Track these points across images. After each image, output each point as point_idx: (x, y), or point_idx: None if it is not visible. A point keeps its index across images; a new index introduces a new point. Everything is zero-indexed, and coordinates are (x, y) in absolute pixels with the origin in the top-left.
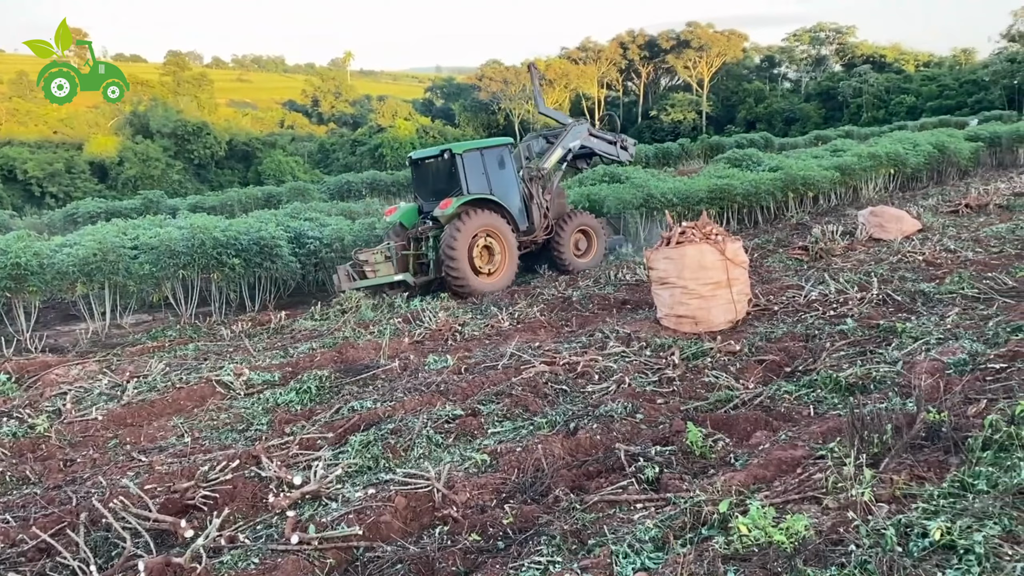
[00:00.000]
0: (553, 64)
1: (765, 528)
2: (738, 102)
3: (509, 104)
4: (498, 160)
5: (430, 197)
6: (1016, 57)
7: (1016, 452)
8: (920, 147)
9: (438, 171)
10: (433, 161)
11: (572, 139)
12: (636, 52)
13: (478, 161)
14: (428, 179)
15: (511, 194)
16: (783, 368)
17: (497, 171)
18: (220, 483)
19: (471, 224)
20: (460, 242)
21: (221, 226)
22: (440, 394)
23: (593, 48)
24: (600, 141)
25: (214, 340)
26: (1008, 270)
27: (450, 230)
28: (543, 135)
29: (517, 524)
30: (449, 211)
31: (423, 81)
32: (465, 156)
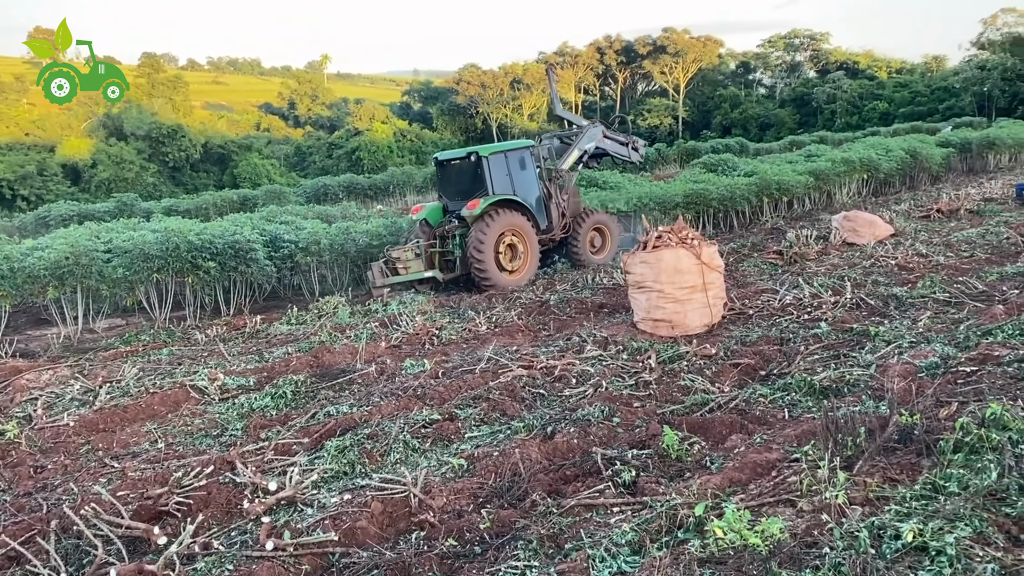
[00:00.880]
0: (530, 68)
1: (740, 531)
2: (714, 107)
3: (487, 108)
4: (520, 162)
5: (455, 197)
6: (986, 65)
7: (986, 454)
8: (893, 153)
9: (463, 172)
10: (459, 162)
11: (588, 141)
12: (613, 57)
13: (502, 163)
14: (453, 179)
15: (532, 194)
16: (758, 371)
17: (519, 172)
18: (194, 489)
19: (497, 224)
20: (487, 241)
21: (196, 229)
22: (417, 398)
23: (570, 53)
24: (613, 143)
25: (188, 344)
26: (978, 274)
27: (478, 230)
28: (557, 136)
29: (494, 529)
30: (477, 211)
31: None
32: (491, 158)
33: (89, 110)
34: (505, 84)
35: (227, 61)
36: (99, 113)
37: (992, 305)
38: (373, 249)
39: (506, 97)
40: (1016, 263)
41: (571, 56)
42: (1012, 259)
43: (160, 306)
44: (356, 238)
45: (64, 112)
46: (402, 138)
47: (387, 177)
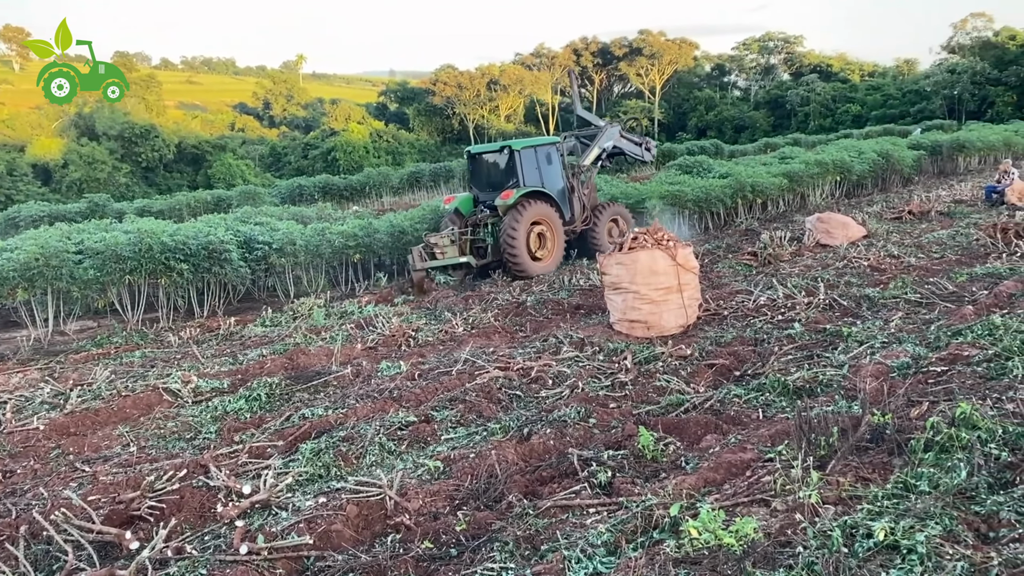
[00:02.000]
0: (507, 70)
1: (715, 531)
2: (689, 109)
3: (464, 109)
4: (547, 157)
5: (486, 188)
6: (956, 68)
7: (956, 453)
8: (865, 155)
9: (495, 165)
10: (491, 156)
11: (607, 140)
12: (589, 59)
13: (532, 157)
14: (484, 172)
15: (558, 187)
16: (732, 372)
17: (547, 166)
18: (167, 493)
19: (528, 214)
20: (519, 230)
21: (169, 230)
22: (393, 400)
23: (547, 54)
24: (628, 142)
25: (161, 347)
26: (949, 275)
27: (510, 219)
28: (575, 135)
29: (470, 531)
30: (510, 201)
31: (377, 85)
32: (523, 152)
33: (60, 109)
34: (482, 85)
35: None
36: (70, 113)
37: (962, 306)
38: (349, 250)
39: (483, 98)
40: (985, 264)
41: (547, 58)
42: (981, 260)
43: (133, 308)
44: (331, 239)
45: (34, 111)
46: (378, 139)
47: (363, 178)
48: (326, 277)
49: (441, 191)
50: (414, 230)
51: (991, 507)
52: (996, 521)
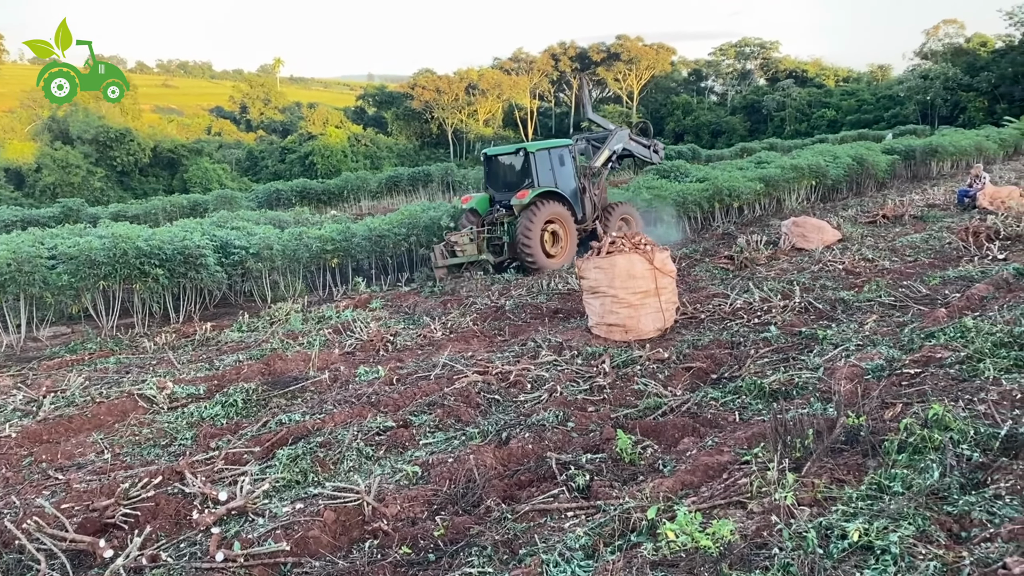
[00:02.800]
0: (486, 74)
1: (692, 533)
2: (667, 114)
3: (443, 113)
4: (560, 158)
5: (502, 188)
6: (928, 74)
7: (929, 454)
8: (840, 159)
9: (511, 166)
10: (507, 157)
11: (617, 143)
12: (567, 64)
13: (547, 158)
14: (500, 173)
15: (570, 187)
16: (709, 375)
17: (560, 167)
18: (142, 500)
19: (542, 212)
20: (534, 228)
21: (144, 235)
22: (371, 406)
23: (525, 59)
24: (638, 145)
25: (136, 353)
26: (922, 278)
27: (526, 217)
28: (585, 139)
29: (448, 536)
30: (525, 201)
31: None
32: (537, 154)
33: (33, 112)
34: (460, 89)
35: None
36: (43, 116)
37: (935, 308)
38: (326, 255)
39: (461, 103)
40: (957, 267)
41: (526, 62)
42: (954, 263)
43: (107, 314)
44: (309, 243)
45: (6, 115)
46: (356, 143)
47: (341, 182)
48: (303, 282)
49: (419, 195)
50: (393, 234)
51: (963, 507)
52: (968, 521)
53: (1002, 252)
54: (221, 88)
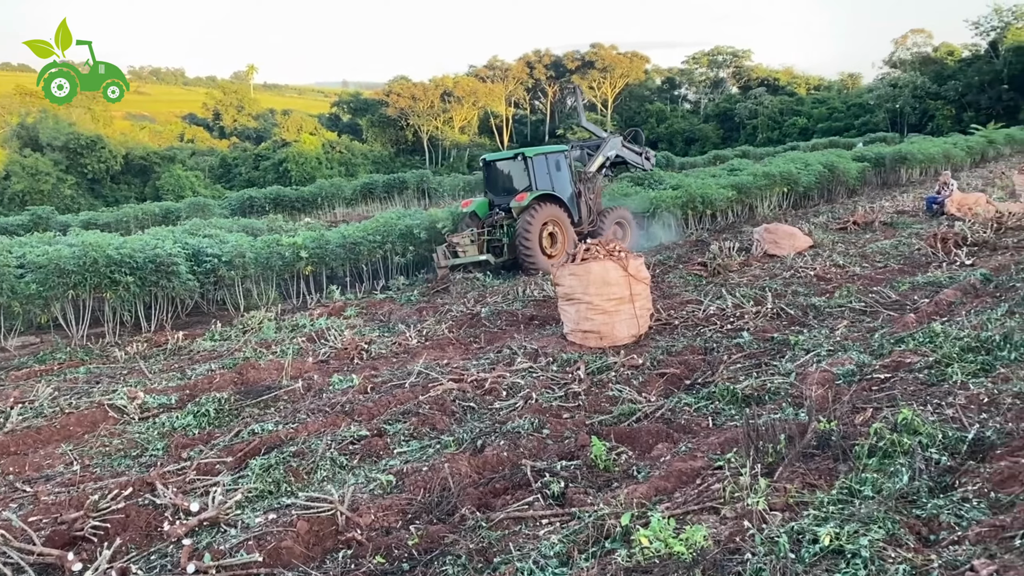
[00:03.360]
0: (461, 82)
1: (666, 539)
2: (641, 122)
3: (418, 120)
4: (556, 163)
5: (501, 192)
6: (897, 83)
7: (898, 458)
8: (811, 167)
9: (510, 171)
10: (506, 162)
11: (610, 149)
12: (542, 71)
13: (544, 163)
14: (499, 177)
15: (567, 191)
16: (683, 381)
17: (556, 172)
18: (112, 512)
19: (540, 215)
20: (533, 229)
21: (115, 243)
22: (345, 415)
23: (500, 66)
24: (630, 152)
25: (107, 362)
26: (892, 284)
27: (524, 219)
28: (579, 146)
29: (423, 545)
30: (524, 203)
31: (329, 95)
32: (535, 159)
33: (1, 119)
34: (436, 97)
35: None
36: (12, 123)
37: (904, 314)
38: (300, 262)
39: (437, 110)
40: (926, 273)
41: (501, 70)
42: (923, 269)
43: (77, 323)
44: (282, 251)
45: None
46: (331, 150)
47: (315, 189)
48: (277, 290)
49: (395, 203)
50: (367, 242)
51: (931, 510)
52: (936, 524)
53: (969, 258)
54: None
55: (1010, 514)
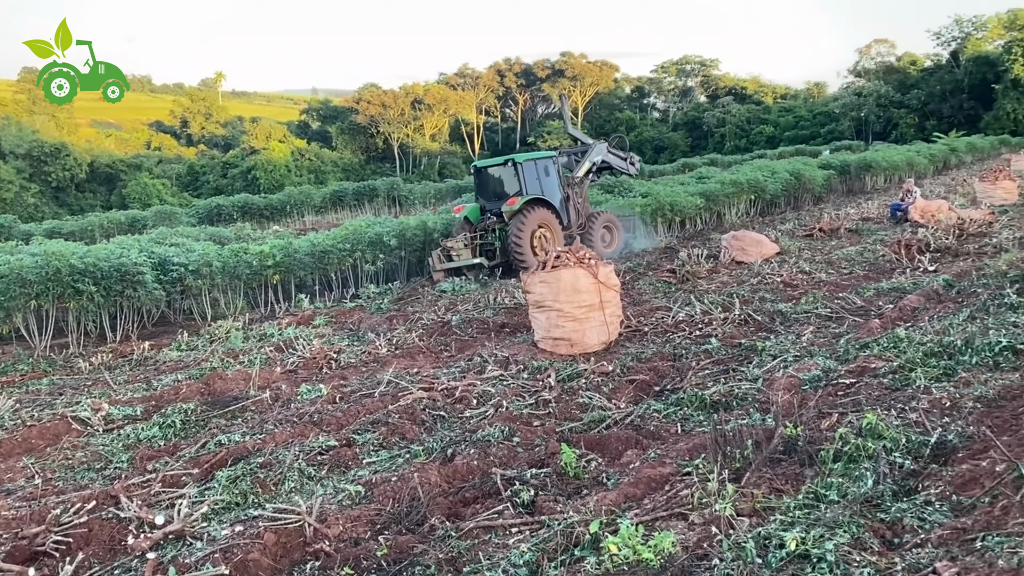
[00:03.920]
0: (431, 89)
1: (634, 546)
2: (611, 130)
3: (388, 128)
4: (545, 169)
5: (492, 198)
6: (862, 91)
7: (863, 463)
8: (778, 175)
9: (500, 176)
10: (496, 169)
11: (597, 155)
12: (513, 80)
13: (534, 169)
14: (490, 183)
15: (556, 196)
16: (653, 387)
17: (545, 177)
18: (74, 526)
19: (531, 218)
20: (525, 232)
21: (79, 252)
22: (313, 425)
23: (471, 74)
24: (615, 157)
25: (71, 373)
26: (857, 290)
27: (516, 222)
28: (566, 152)
29: (391, 555)
30: (516, 207)
31: (298, 103)
32: (525, 164)
33: None
34: (406, 104)
35: None
36: None
37: (869, 319)
38: (267, 271)
39: (407, 117)
40: (891, 279)
41: (472, 78)
42: (887, 275)
43: (40, 333)
44: (249, 260)
45: None
46: (300, 157)
47: (284, 197)
48: (245, 299)
49: (365, 210)
50: (337, 250)
51: (895, 514)
52: (900, 527)
53: (932, 264)
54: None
55: (971, 516)
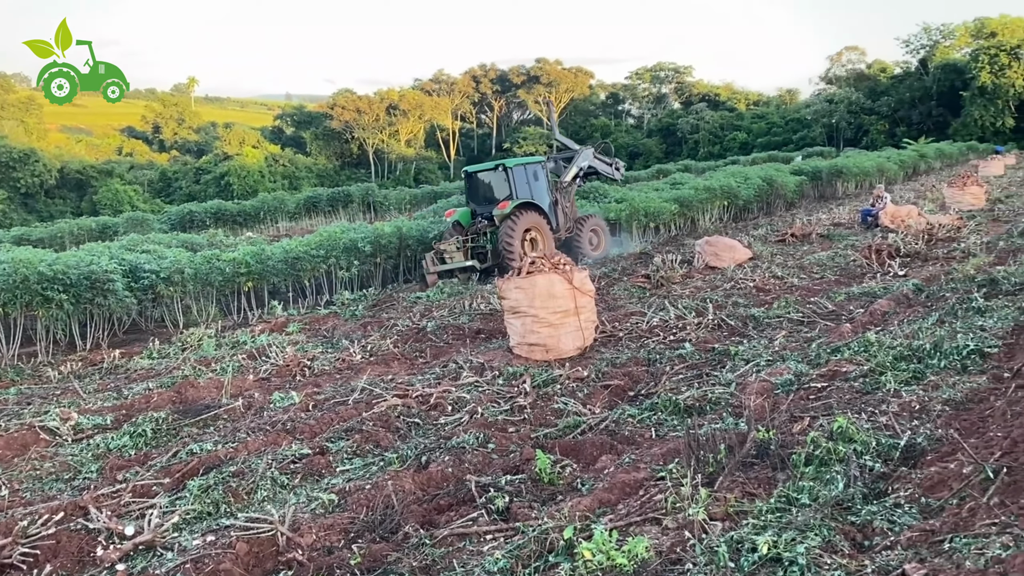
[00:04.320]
0: (406, 95)
1: (608, 552)
2: (586, 137)
3: (363, 134)
4: (535, 173)
5: (483, 202)
6: (833, 98)
7: (834, 466)
8: (751, 180)
9: (491, 181)
10: (486, 173)
11: (583, 160)
12: (488, 86)
13: (523, 173)
14: (480, 188)
15: (545, 200)
16: (627, 392)
17: (535, 182)
18: (42, 538)
19: (522, 221)
20: (516, 235)
21: (48, 260)
22: (286, 433)
23: (446, 80)
24: (601, 163)
25: (39, 382)
26: (828, 295)
27: (507, 225)
28: (554, 158)
29: (365, 564)
30: (507, 211)
31: (272, 108)
32: (515, 169)
33: None
34: (381, 110)
35: None
36: None
37: (840, 324)
38: (240, 278)
39: (382, 123)
40: (861, 284)
41: (447, 83)
42: (858, 280)
43: (7, 342)
44: (222, 267)
45: None
46: (274, 163)
47: (258, 203)
48: (217, 306)
49: (339, 216)
50: (310, 256)
51: (865, 517)
52: (870, 530)
53: (902, 269)
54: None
55: (939, 518)
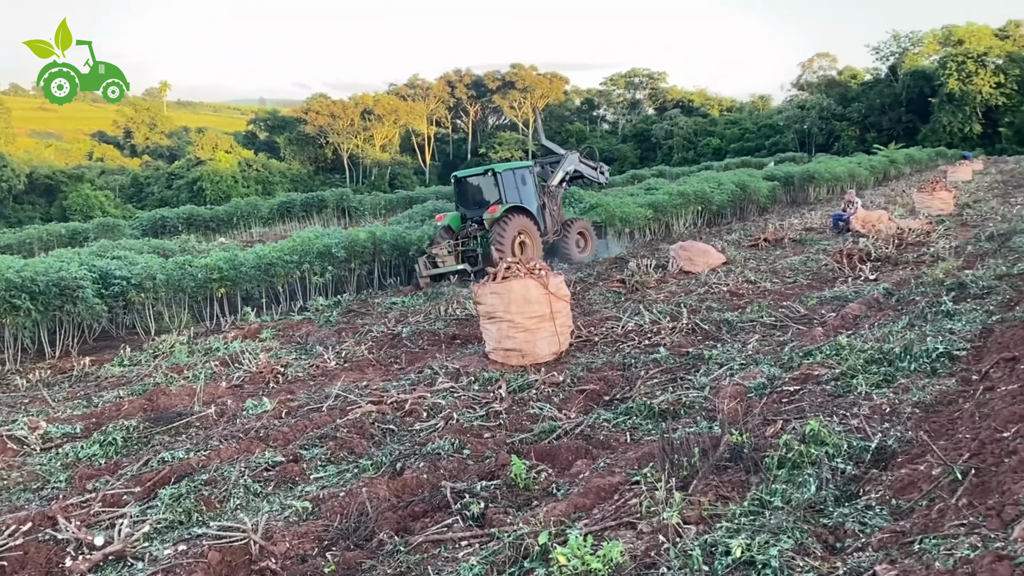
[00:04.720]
0: (381, 100)
1: (583, 557)
2: (561, 142)
3: (337, 138)
4: (523, 178)
5: (472, 206)
6: (805, 104)
7: (806, 469)
8: (724, 186)
9: (480, 185)
10: (476, 178)
11: (570, 164)
12: (464, 91)
13: (512, 178)
14: (470, 192)
15: (534, 204)
16: (602, 397)
17: (523, 186)
18: (8, 550)
19: (512, 225)
20: (506, 238)
21: (15, 266)
22: (259, 440)
23: (421, 85)
24: (586, 167)
25: (7, 391)
26: (801, 299)
27: (497, 229)
28: (541, 162)
29: (339, 572)
30: (497, 215)
31: (246, 113)
32: (504, 174)
33: None
34: (356, 115)
35: None
36: None
37: (812, 327)
38: (213, 284)
39: (357, 128)
40: (833, 288)
41: (422, 88)
42: (830, 284)
43: None
44: (194, 273)
45: None
46: (247, 168)
47: (231, 208)
48: (189, 312)
49: (314, 221)
50: (283, 262)
51: (837, 519)
52: (842, 532)
53: (873, 273)
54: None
55: (910, 520)
